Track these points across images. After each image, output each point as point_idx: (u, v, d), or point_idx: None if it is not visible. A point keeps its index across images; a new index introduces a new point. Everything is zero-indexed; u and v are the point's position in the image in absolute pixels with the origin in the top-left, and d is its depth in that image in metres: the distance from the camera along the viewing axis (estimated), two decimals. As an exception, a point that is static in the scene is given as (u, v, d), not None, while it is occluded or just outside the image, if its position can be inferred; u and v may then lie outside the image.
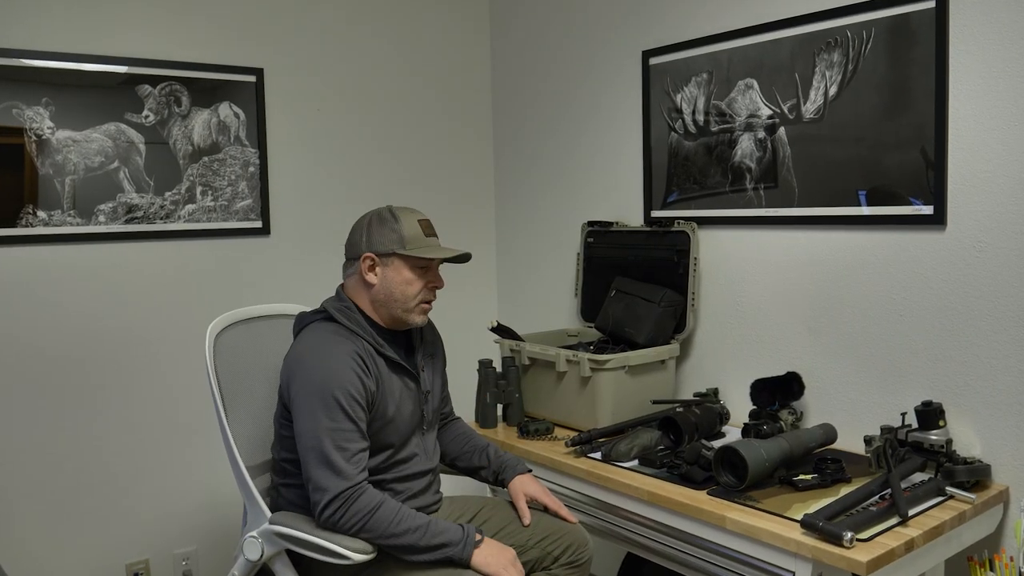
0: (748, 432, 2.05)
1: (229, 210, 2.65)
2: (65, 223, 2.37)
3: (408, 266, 1.79)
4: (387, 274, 1.79)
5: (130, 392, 2.50)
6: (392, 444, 1.80)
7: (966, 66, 1.86)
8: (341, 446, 1.64)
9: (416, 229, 1.80)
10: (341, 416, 1.66)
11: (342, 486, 1.62)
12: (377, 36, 2.95)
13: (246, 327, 1.99)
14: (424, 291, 1.82)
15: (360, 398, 1.69)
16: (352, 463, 1.64)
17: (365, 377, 1.71)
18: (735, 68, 2.32)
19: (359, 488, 1.63)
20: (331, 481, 1.62)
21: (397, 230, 1.78)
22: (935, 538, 1.62)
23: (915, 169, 1.95)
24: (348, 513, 1.61)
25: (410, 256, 1.78)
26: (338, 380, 1.67)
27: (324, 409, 1.66)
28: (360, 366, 1.71)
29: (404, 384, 1.83)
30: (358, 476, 1.64)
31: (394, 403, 1.79)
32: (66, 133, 2.36)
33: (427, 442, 1.91)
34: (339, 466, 1.62)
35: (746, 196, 2.32)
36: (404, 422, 1.82)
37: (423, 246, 1.80)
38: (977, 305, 1.88)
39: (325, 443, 1.64)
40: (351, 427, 1.66)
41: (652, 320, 2.36)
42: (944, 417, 1.88)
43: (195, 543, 2.63)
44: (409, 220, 1.81)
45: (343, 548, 1.61)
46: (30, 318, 2.34)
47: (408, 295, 1.80)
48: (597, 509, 2.03)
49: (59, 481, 2.40)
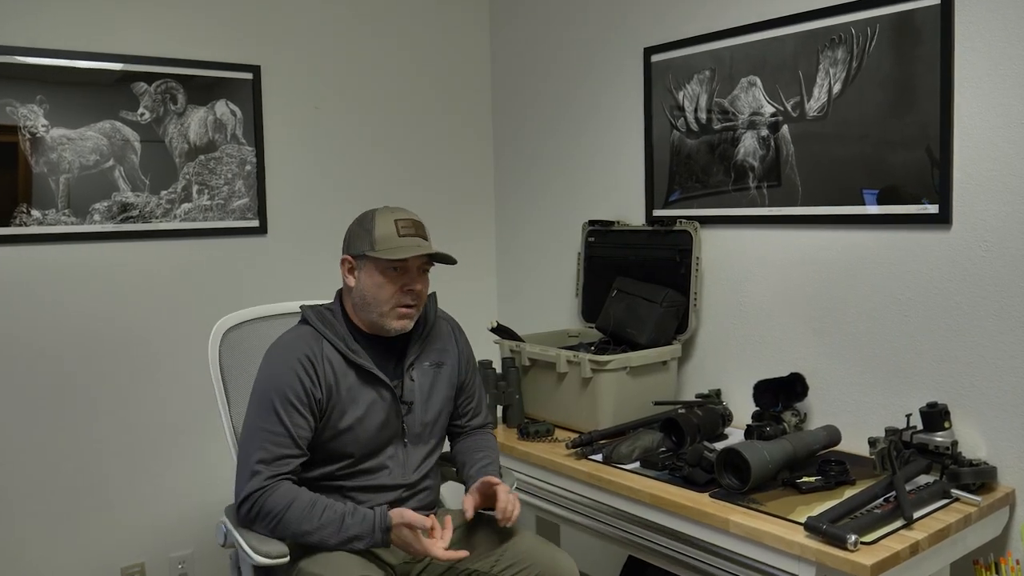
0: (751, 434, 2.05)
1: (225, 209, 2.65)
2: (60, 222, 2.37)
3: (378, 268, 1.74)
4: (362, 277, 1.77)
5: (126, 393, 2.50)
6: (351, 454, 1.76)
7: (972, 63, 1.86)
8: (265, 447, 1.66)
9: (389, 229, 1.74)
10: (273, 419, 1.67)
11: (253, 486, 1.64)
12: (376, 33, 2.95)
13: (252, 327, 2.00)
14: (399, 294, 1.75)
15: (299, 403, 1.69)
16: (272, 466, 1.65)
17: (310, 382, 1.70)
18: (738, 65, 2.31)
19: (268, 489, 1.64)
20: (245, 481, 1.65)
21: (370, 231, 1.74)
22: (940, 541, 1.62)
23: (920, 168, 1.95)
24: (261, 513, 1.64)
25: (378, 258, 1.73)
26: (277, 382, 1.70)
27: (258, 409, 1.70)
28: (307, 370, 1.70)
29: (378, 394, 1.77)
30: (271, 478, 1.64)
31: (355, 413, 1.74)
32: (60, 131, 2.36)
33: (409, 456, 1.82)
34: (255, 468, 1.65)
35: (749, 195, 2.32)
36: (371, 432, 1.76)
37: (394, 247, 1.73)
38: (983, 305, 1.88)
39: (252, 442, 1.68)
40: (281, 431, 1.67)
41: (654, 320, 2.36)
42: (949, 419, 1.88)
43: (191, 546, 2.63)
44: (385, 220, 1.75)
45: (250, 549, 1.63)
46: (24, 318, 2.34)
47: (380, 299, 1.75)
48: (598, 512, 2.03)
49: (53, 483, 2.40)
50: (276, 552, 1.61)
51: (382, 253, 1.72)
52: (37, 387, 2.36)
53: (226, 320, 1.99)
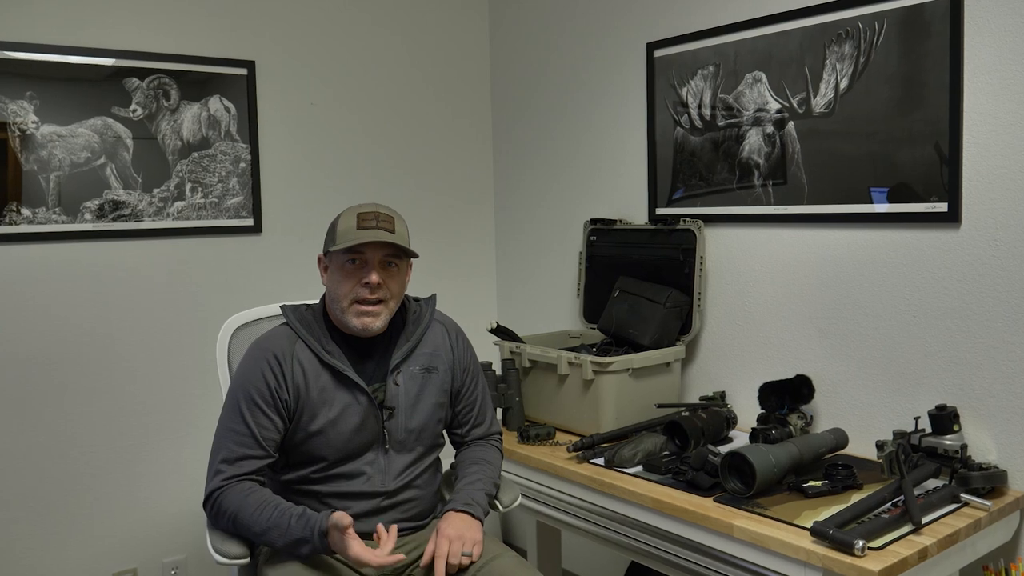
0: (756, 437, 2.05)
1: (219, 207, 2.65)
2: (50, 221, 2.37)
3: (337, 263, 1.72)
4: (330, 274, 1.77)
5: (117, 396, 2.50)
6: (324, 457, 1.72)
7: (982, 59, 1.86)
8: (229, 447, 1.69)
9: (350, 222, 1.70)
10: (237, 418, 1.70)
11: (214, 485, 1.67)
12: (373, 27, 2.95)
13: (259, 327, 1.99)
14: (357, 288, 1.70)
15: (264, 403, 1.69)
16: (235, 466, 1.67)
17: (275, 382, 1.70)
18: (743, 61, 2.31)
19: (226, 488, 1.66)
20: (209, 480, 1.69)
21: (334, 227, 1.74)
22: (949, 546, 1.62)
23: (929, 165, 1.95)
24: (220, 511, 1.67)
25: (336, 251, 1.71)
26: (244, 381, 1.72)
27: (227, 408, 1.73)
28: (273, 370, 1.70)
29: (353, 397, 1.73)
30: (230, 478, 1.66)
31: (328, 416, 1.71)
32: (51, 128, 2.36)
33: (391, 463, 1.76)
34: (219, 467, 1.68)
35: (754, 193, 2.32)
36: (345, 435, 1.72)
37: (351, 238, 1.68)
38: (993, 306, 1.88)
39: (218, 441, 1.71)
40: (244, 431, 1.69)
41: (657, 321, 2.36)
42: (959, 421, 1.88)
43: (184, 552, 2.63)
44: (348, 215, 1.72)
45: (213, 549, 1.67)
46: (14, 319, 2.34)
47: (339, 294, 1.72)
48: (600, 517, 2.03)
49: (44, 488, 2.40)
50: (234, 552, 1.65)
51: (339, 245, 1.69)
52: (27, 389, 2.37)
53: (236, 319, 2.01)
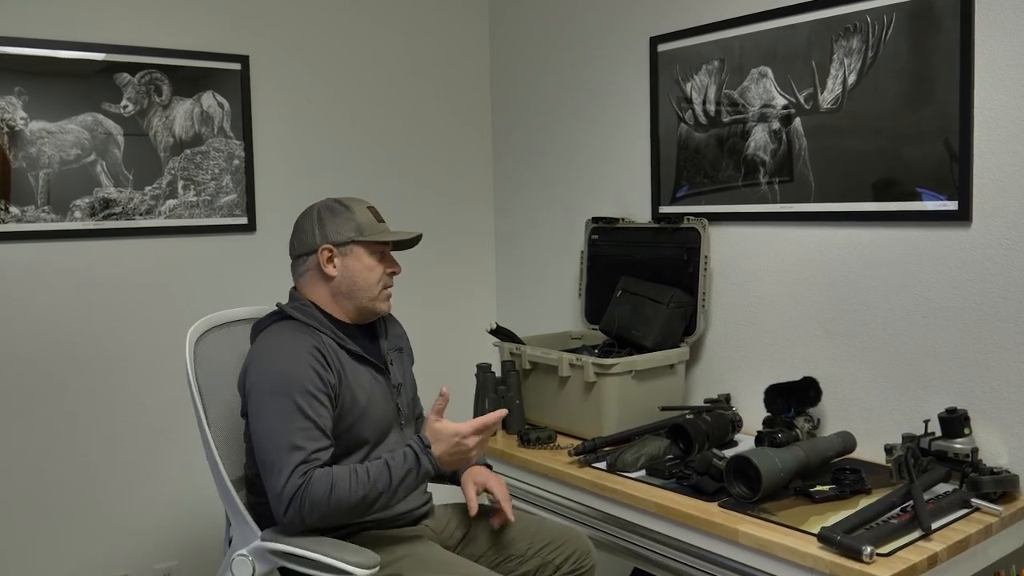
0: (762, 440, 2.05)
1: (212, 205, 2.65)
2: (39, 219, 2.37)
3: (368, 252, 1.85)
4: (347, 263, 1.84)
5: (107, 398, 2.50)
6: (368, 439, 1.81)
7: (993, 53, 1.86)
8: (295, 444, 1.65)
9: (368, 216, 1.87)
10: (298, 416, 1.67)
11: (295, 484, 1.61)
12: (370, 22, 2.95)
13: (229, 330, 1.98)
14: (386, 276, 1.88)
15: (320, 393, 1.70)
16: (310, 461, 1.64)
17: (324, 371, 1.73)
18: (748, 55, 2.31)
19: (306, 480, 1.62)
20: (284, 482, 1.62)
21: (352, 218, 1.85)
22: (960, 553, 1.62)
23: (939, 162, 1.95)
24: (312, 506, 1.61)
25: (369, 241, 1.84)
26: (295, 377, 1.69)
27: (280, 408, 1.67)
28: (319, 360, 1.73)
29: (373, 377, 1.85)
30: (305, 469, 1.63)
31: (364, 393, 1.81)
32: (40, 124, 2.36)
33: (406, 439, 1.89)
34: (290, 466, 1.62)
35: (760, 191, 2.32)
36: (378, 414, 1.84)
37: (380, 230, 1.88)
38: (1004, 306, 1.88)
39: (278, 442, 1.65)
40: (309, 425, 1.67)
41: (660, 322, 2.36)
42: (969, 425, 1.88)
43: (176, 558, 2.63)
44: (360, 207, 1.88)
45: (345, 563, 1.59)
46: (2, 319, 2.33)
47: (371, 282, 1.85)
48: (602, 522, 2.03)
49: (32, 494, 2.40)
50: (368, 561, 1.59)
51: (374, 236, 1.85)
52: (15, 391, 2.36)
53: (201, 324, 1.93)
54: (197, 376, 1.85)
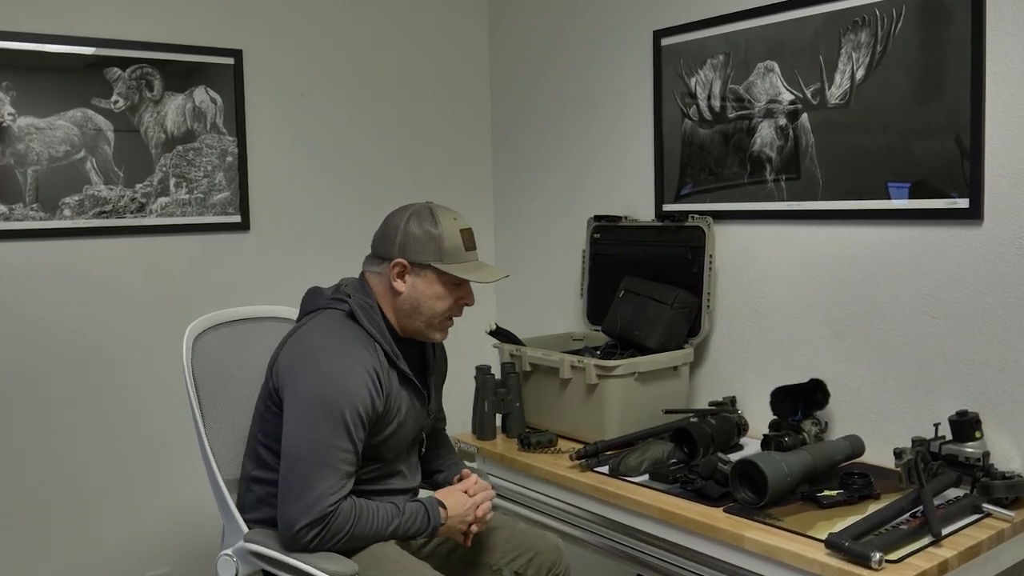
0: (768, 444, 2.05)
1: (205, 203, 2.65)
2: (28, 218, 2.37)
3: (441, 281, 1.78)
4: (417, 285, 1.78)
5: (98, 401, 2.50)
6: (384, 459, 1.81)
7: (1004, 47, 1.86)
8: (334, 465, 1.64)
9: (457, 240, 1.79)
10: (343, 435, 1.66)
11: (326, 506, 1.61)
12: (366, 15, 2.95)
13: (228, 329, 1.99)
14: (454, 308, 1.82)
15: (366, 418, 1.70)
16: (342, 487, 1.65)
17: (376, 396, 1.72)
18: (754, 49, 2.31)
19: (336, 510, 1.63)
20: (310, 503, 1.61)
21: (437, 239, 1.77)
22: (971, 559, 1.62)
23: (949, 159, 1.95)
24: (326, 535, 1.63)
25: (446, 272, 1.77)
26: (349, 397, 1.67)
27: (327, 422, 1.65)
28: (374, 383, 1.71)
29: (411, 401, 1.83)
30: (337, 498, 1.64)
31: (398, 420, 1.79)
32: (28, 120, 2.36)
33: (411, 460, 1.92)
34: (323, 487, 1.62)
35: (766, 188, 2.31)
36: (403, 437, 1.83)
37: (462, 261, 1.79)
38: (1016, 306, 1.88)
39: (317, 458, 1.64)
40: (350, 447, 1.67)
41: (664, 323, 2.36)
42: (980, 428, 1.87)
43: (169, 565, 2.63)
44: (451, 228, 1.79)
45: (323, 572, 1.60)
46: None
47: (436, 311, 1.80)
48: (604, 527, 2.03)
49: (21, 498, 2.39)
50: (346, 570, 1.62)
51: (455, 270, 1.77)
52: (3, 395, 2.36)
53: (200, 322, 1.95)
54: (195, 374, 1.87)
